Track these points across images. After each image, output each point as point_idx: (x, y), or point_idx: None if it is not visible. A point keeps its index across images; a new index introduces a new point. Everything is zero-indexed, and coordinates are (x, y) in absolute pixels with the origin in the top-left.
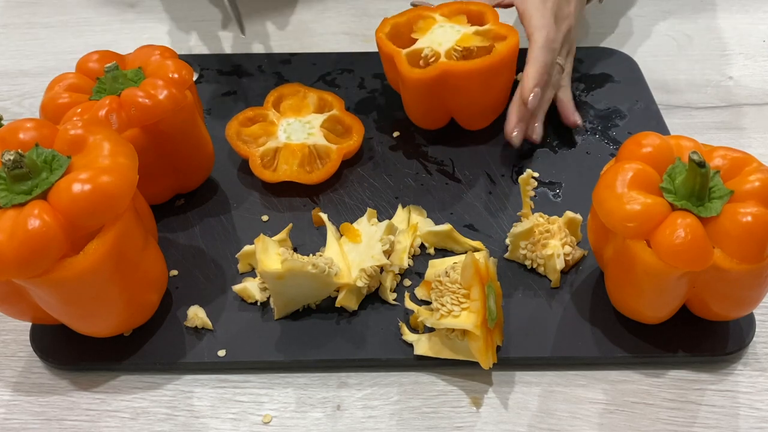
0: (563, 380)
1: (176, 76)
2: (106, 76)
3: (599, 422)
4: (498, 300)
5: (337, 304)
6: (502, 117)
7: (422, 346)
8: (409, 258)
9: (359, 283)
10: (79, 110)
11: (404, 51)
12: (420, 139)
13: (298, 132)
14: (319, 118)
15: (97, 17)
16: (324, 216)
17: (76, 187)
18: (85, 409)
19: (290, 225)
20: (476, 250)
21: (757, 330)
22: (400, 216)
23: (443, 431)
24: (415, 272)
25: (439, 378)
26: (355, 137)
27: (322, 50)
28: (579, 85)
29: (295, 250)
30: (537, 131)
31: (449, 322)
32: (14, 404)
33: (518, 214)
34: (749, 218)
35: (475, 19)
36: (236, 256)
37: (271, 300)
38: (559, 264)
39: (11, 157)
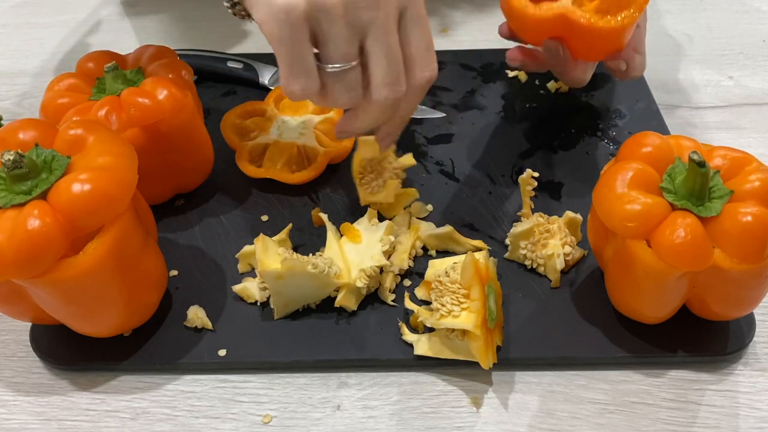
0: (563, 380)
1: (173, 76)
2: (106, 76)
3: (599, 422)
4: (498, 300)
5: (337, 304)
6: None
7: (422, 346)
8: (409, 259)
9: (359, 284)
10: (79, 110)
11: None
12: (420, 138)
13: (290, 131)
14: (314, 119)
15: (97, 17)
16: (324, 216)
17: (76, 187)
18: (85, 409)
19: (290, 225)
20: (478, 249)
21: (757, 330)
22: (401, 216)
23: (443, 431)
24: (416, 272)
25: (439, 378)
26: (345, 141)
27: None
28: None
29: (295, 250)
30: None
31: (449, 322)
32: (14, 404)
33: (518, 214)
34: (749, 218)
35: None
36: (236, 256)
37: (271, 300)
38: (559, 264)
39: (11, 157)
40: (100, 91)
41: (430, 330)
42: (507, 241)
